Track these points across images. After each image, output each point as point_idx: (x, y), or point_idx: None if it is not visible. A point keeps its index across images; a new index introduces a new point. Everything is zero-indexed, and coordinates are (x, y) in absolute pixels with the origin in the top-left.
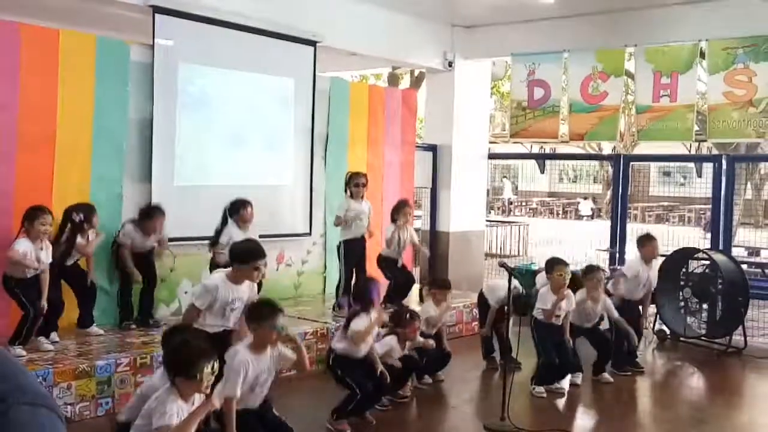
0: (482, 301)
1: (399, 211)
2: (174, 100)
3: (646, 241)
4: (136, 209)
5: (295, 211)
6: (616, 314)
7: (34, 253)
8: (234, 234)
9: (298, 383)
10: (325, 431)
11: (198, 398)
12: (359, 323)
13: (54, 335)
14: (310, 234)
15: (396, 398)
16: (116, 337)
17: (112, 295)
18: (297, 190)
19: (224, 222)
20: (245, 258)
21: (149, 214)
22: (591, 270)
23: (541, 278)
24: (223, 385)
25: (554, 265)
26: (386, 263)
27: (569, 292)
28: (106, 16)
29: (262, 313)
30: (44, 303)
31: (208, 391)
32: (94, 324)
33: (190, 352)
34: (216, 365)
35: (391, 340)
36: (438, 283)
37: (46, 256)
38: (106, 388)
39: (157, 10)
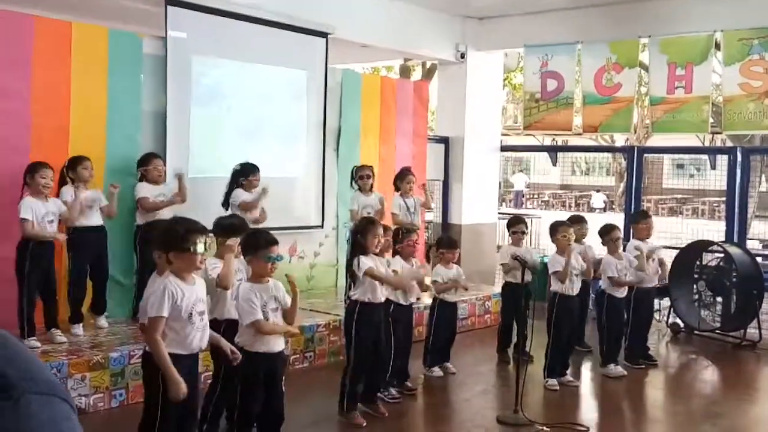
0: (506, 292)
1: (402, 178)
2: (187, 93)
3: (640, 219)
4: None
5: (307, 203)
6: (634, 260)
7: (42, 208)
8: (244, 197)
9: (308, 375)
10: (339, 424)
11: (199, 281)
12: (366, 261)
13: (79, 328)
14: (322, 226)
15: (405, 391)
16: (130, 329)
17: (127, 287)
18: (309, 182)
19: (233, 185)
20: (228, 233)
21: (144, 161)
22: (609, 229)
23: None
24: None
25: (557, 227)
26: None
27: (579, 247)
28: (119, 8)
29: (256, 244)
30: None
31: (203, 266)
32: (104, 315)
33: (180, 226)
34: (209, 241)
35: (398, 262)
36: (445, 242)
37: (56, 207)
38: (119, 379)
39: (170, 2)
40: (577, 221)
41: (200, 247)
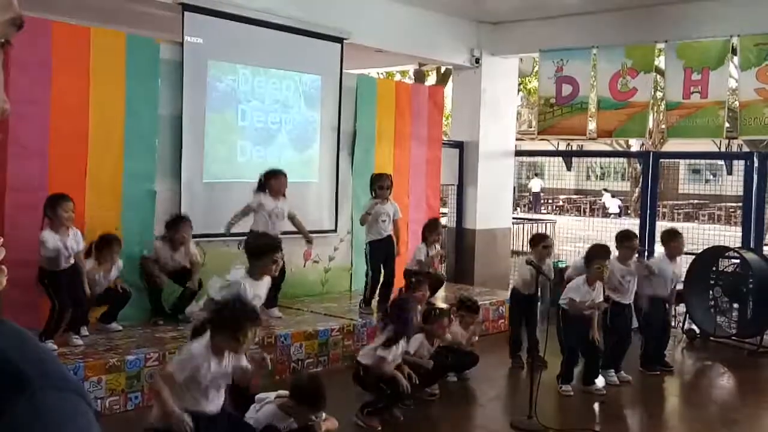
0: (514, 297)
1: (433, 230)
2: (203, 97)
3: (671, 237)
4: (165, 206)
5: (321, 208)
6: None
7: (61, 242)
8: (265, 202)
9: (325, 379)
10: (354, 426)
11: (230, 359)
12: (387, 352)
13: (84, 329)
14: (336, 231)
15: (424, 396)
16: (146, 332)
17: (144, 291)
18: (324, 187)
19: (260, 189)
20: (261, 252)
21: (174, 223)
22: (627, 237)
23: (575, 266)
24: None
25: (594, 258)
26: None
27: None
28: (136, 13)
29: (307, 401)
30: (87, 291)
31: (243, 353)
32: (115, 321)
33: (239, 312)
34: (258, 332)
35: (420, 337)
36: (467, 305)
37: (75, 242)
38: (135, 382)
39: (186, 7)
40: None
41: (250, 339)
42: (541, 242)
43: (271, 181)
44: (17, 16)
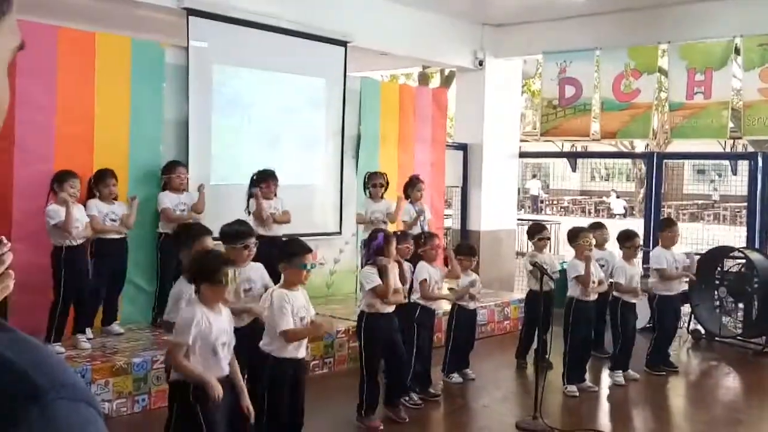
0: (530, 298)
1: (413, 186)
2: (208, 101)
3: (666, 226)
4: None
5: (326, 210)
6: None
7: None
8: (261, 204)
9: (328, 381)
10: (357, 429)
11: (225, 311)
12: (369, 278)
13: (89, 331)
14: (340, 233)
15: (428, 397)
16: (152, 335)
17: (150, 293)
18: (328, 189)
19: (251, 193)
20: (233, 239)
21: (168, 168)
22: (629, 237)
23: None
24: (277, 325)
25: (578, 233)
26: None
27: (600, 253)
28: (141, 18)
29: (292, 251)
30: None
31: (230, 297)
32: (117, 322)
33: (212, 259)
34: (236, 271)
35: (424, 267)
36: (463, 249)
37: (81, 214)
38: (142, 385)
39: (191, 12)
40: (598, 227)
41: (230, 279)
42: (535, 235)
43: (261, 185)
44: (21, 41)
